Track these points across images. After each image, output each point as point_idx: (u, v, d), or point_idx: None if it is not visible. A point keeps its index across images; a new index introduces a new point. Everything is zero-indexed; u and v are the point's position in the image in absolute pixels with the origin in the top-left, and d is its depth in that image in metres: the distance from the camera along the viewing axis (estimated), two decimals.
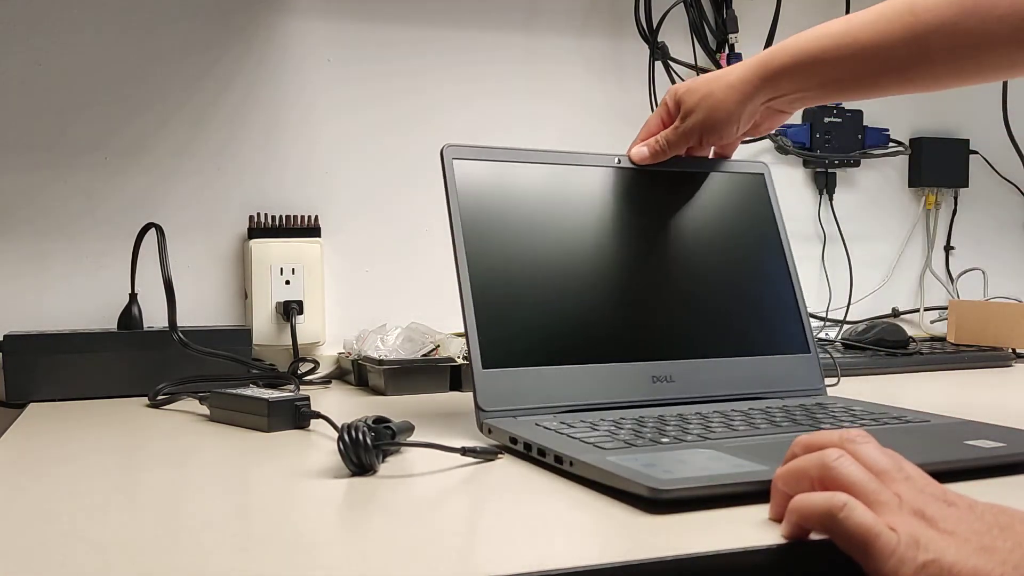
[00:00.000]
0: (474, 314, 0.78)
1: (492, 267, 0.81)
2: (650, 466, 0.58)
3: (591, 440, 0.67)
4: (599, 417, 0.76)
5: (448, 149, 0.83)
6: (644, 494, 0.55)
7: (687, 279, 0.88)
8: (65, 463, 0.70)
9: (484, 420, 0.76)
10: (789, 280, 0.93)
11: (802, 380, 0.89)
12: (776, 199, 0.95)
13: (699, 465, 0.59)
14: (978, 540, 0.44)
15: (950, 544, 0.44)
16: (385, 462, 0.68)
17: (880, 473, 0.49)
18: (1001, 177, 1.58)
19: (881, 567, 0.45)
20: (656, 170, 0.91)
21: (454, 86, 1.29)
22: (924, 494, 0.48)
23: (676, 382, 0.84)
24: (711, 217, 0.92)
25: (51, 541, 0.51)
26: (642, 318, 0.85)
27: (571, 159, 0.88)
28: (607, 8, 1.37)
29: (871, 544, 0.45)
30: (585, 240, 0.85)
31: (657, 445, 0.66)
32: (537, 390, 0.79)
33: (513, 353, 0.79)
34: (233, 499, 0.60)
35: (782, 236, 0.94)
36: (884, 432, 0.71)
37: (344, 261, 1.25)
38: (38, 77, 1.13)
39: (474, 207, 0.82)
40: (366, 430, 0.64)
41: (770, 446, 0.66)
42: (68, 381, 1.01)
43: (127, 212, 1.16)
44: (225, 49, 1.20)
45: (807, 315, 0.92)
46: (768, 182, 0.96)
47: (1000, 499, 0.48)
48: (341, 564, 0.47)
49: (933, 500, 0.47)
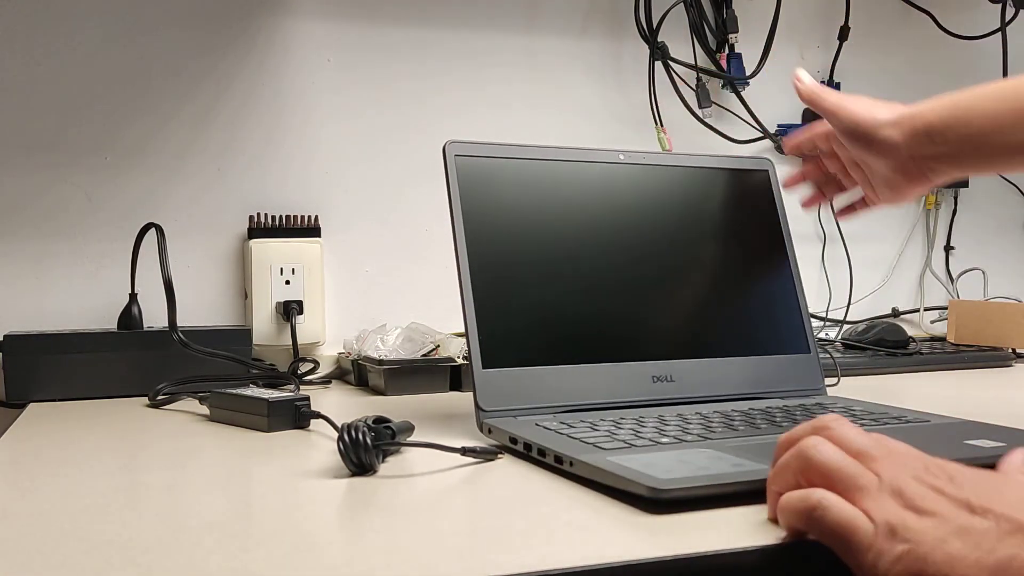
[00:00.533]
0: (475, 313, 0.78)
1: (493, 265, 0.81)
2: (650, 466, 0.59)
3: (591, 440, 0.67)
4: (599, 417, 0.76)
5: (451, 146, 0.83)
6: (644, 494, 0.55)
7: (689, 277, 0.88)
8: (65, 463, 0.70)
9: (484, 420, 0.76)
10: (791, 279, 0.92)
11: (802, 380, 0.89)
12: (780, 197, 0.95)
13: (699, 465, 0.59)
14: (956, 519, 0.44)
15: (927, 528, 0.44)
16: (385, 462, 0.68)
17: (858, 453, 0.49)
18: (1001, 177, 1.58)
19: (861, 562, 0.45)
20: (659, 166, 0.90)
21: (454, 87, 1.29)
22: (905, 469, 0.47)
23: (676, 382, 0.84)
24: (714, 214, 0.92)
25: (51, 541, 0.51)
26: (643, 317, 0.85)
27: (575, 155, 0.87)
28: (607, 8, 1.37)
29: (848, 540, 0.46)
30: (587, 237, 0.85)
31: (657, 445, 0.66)
32: (537, 390, 0.79)
33: (513, 353, 0.79)
34: (233, 499, 0.60)
35: (785, 234, 0.94)
36: (883, 431, 0.70)
37: (344, 261, 1.25)
38: (39, 77, 1.13)
39: (476, 204, 0.82)
40: (366, 430, 0.64)
41: (771, 446, 0.65)
42: (68, 381, 1.01)
43: (127, 212, 1.16)
44: (226, 50, 1.20)
45: (808, 315, 0.92)
46: (773, 179, 0.95)
47: None
48: (341, 564, 0.47)
49: (913, 478, 0.47)
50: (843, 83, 1.48)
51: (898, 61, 1.53)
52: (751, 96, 1.39)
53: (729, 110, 1.40)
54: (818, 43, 1.48)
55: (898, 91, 1.51)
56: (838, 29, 1.46)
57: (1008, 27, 1.47)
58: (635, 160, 0.90)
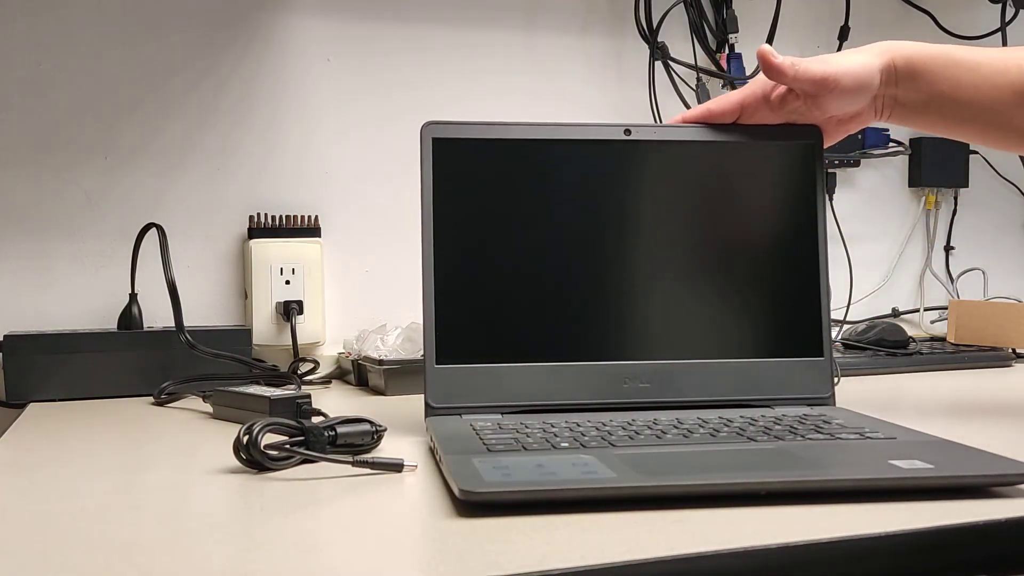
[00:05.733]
0: (433, 304, 0.76)
1: (460, 254, 0.77)
2: (496, 469, 0.57)
3: (501, 441, 0.65)
4: (545, 419, 0.73)
5: (428, 127, 0.79)
6: (459, 496, 0.54)
7: (687, 272, 0.82)
8: (65, 463, 0.70)
9: (428, 418, 0.74)
10: (816, 273, 0.82)
11: (809, 387, 0.81)
12: (822, 177, 0.84)
13: (549, 470, 0.57)
14: None
15: None
16: None
17: None
18: (1001, 177, 1.58)
19: None
20: (671, 140, 0.82)
21: (454, 86, 1.29)
22: None
23: (651, 384, 0.79)
24: (729, 198, 0.83)
25: (51, 541, 0.51)
26: (622, 315, 0.80)
27: (572, 132, 0.81)
28: (607, 8, 1.37)
29: None
30: (572, 225, 0.80)
31: (553, 449, 0.63)
32: (492, 388, 0.76)
33: (472, 348, 0.76)
34: (234, 499, 0.60)
35: (819, 222, 0.82)
36: (802, 448, 0.65)
37: (344, 261, 1.25)
38: (39, 77, 1.13)
39: (450, 190, 0.78)
40: (260, 432, 0.64)
41: (698, 455, 0.63)
42: (68, 381, 1.01)
43: (127, 212, 1.16)
44: (225, 49, 1.20)
45: (829, 315, 0.82)
46: (818, 153, 0.83)
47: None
48: (341, 564, 0.47)
49: None
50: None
51: None
52: None
53: None
54: (818, 43, 1.48)
55: None
56: (838, 29, 1.46)
57: (1008, 27, 1.47)
58: (642, 136, 0.82)
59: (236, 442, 0.65)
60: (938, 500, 0.55)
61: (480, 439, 0.66)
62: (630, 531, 0.50)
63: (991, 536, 0.53)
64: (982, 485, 0.58)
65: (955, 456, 0.63)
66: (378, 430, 0.70)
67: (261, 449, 0.64)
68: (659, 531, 0.50)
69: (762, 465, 0.61)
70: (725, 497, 0.55)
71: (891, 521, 0.51)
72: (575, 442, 0.65)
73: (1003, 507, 0.55)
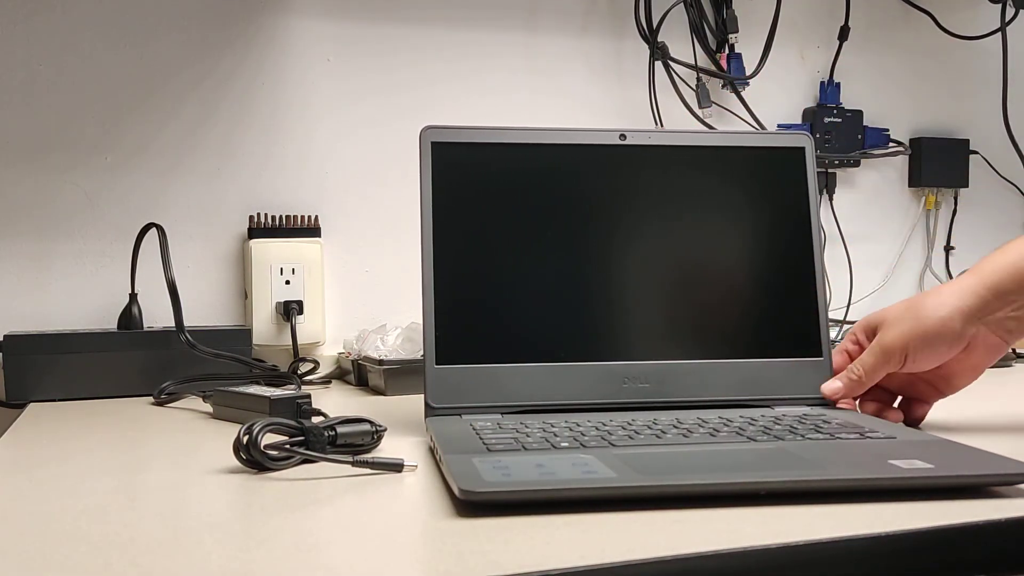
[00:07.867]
0: (433, 305, 0.76)
1: (461, 258, 0.78)
2: (497, 469, 0.57)
3: (501, 441, 0.65)
4: (545, 420, 0.73)
5: (427, 132, 0.80)
6: (460, 496, 0.54)
7: (685, 273, 0.83)
8: (65, 463, 0.70)
9: (428, 419, 0.74)
10: (811, 274, 0.83)
11: (810, 387, 0.81)
12: (814, 179, 0.84)
13: (549, 470, 0.57)
14: None
15: None
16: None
17: None
18: (1001, 177, 1.58)
19: None
20: (666, 146, 0.83)
21: (455, 86, 1.29)
22: None
23: (651, 384, 0.79)
24: (724, 200, 0.84)
25: (51, 541, 0.51)
26: (622, 315, 0.81)
27: (568, 137, 0.82)
28: (607, 8, 1.37)
29: None
30: (571, 228, 0.81)
31: (553, 449, 0.63)
32: (493, 389, 0.76)
33: (472, 349, 0.77)
34: (234, 498, 0.60)
35: (813, 222, 0.83)
36: (802, 448, 0.65)
37: (344, 261, 1.25)
38: (39, 77, 1.13)
39: (449, 193, 0.79)
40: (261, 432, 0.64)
41: (692, 455, 0.63)
42: (68, 381, 1.01)
43: (127, 212, 1.16)
44: (226, 49, 1.20)
45: (827, 315, 0.83)
46: (808, 158, 0.84)
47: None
48: (341, 564, 0.47)
49: None
50: (843, 83, 1.48)
51: (898, 61, 1.53)
52: (751, 96, 1.39)
53: (729, 110, 1.40)
54: (818, 43, 1.48)
55: (898, 91, 1.52)
56: (838, 29, 1.46)
57: (1008, 27, 1.47)
58: (637, 140, 0.83)
59: (236, 442, 0.65)
60: (938, 500, 0.55)
61: (480, 439, 0.66)
62: (630, 531, 0.50)
63: (991, 536, 0.53)
64: (982, 485, 0.58)
65: (955, 456, 0.63)
66: (378, 430, 0.70)
67: (261, 449, 0.64)
68: (659, 531, 0.50)
69: (762, 465, 0.61)
70: (725, 497, 0.55)
71: (891, 521, 0.51)
72: (575, 442, 0.65)
73: (1003, 507, 0.55)
